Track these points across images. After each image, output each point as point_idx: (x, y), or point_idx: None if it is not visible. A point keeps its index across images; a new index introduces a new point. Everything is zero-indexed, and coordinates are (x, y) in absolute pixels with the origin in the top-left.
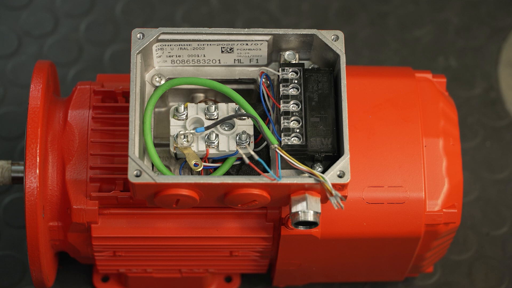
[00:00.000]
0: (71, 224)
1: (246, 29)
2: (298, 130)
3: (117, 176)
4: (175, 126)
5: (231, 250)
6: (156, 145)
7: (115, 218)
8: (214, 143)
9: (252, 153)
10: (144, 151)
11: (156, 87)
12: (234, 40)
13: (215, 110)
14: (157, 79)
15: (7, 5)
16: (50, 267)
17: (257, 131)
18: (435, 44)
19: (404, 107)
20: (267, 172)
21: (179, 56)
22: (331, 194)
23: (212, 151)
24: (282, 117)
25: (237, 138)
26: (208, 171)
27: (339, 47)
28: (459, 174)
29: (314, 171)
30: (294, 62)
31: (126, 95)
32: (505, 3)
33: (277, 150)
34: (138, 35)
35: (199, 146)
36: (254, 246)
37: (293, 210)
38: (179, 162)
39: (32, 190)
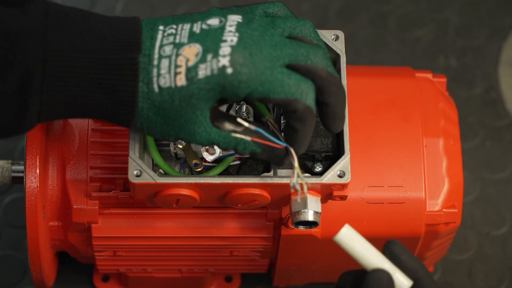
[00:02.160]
0: (71, 224)
1: None
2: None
3: (117, 176)
4: None
5: (231, 250)
6: (156, 145)
7: (115, 218)
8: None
9: (246, 124)
10: (144, 150)
11: None
12: None
13: None
14: None
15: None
16: (50, 267)
17: None
18: (435, 44)
19: (404, 107)
20: (277, 139)
21: None
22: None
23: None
24: (282, 117)
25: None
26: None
27: (339, 46)
28: (459, 174)
29: (292, 150)
30: None
31: None
32: (505, 3)
33: (269, 122)
34: None
35: (199, 146)
36: (254, 246)
37: (293, 210)
38: (179, 162)
39: (32, 190)
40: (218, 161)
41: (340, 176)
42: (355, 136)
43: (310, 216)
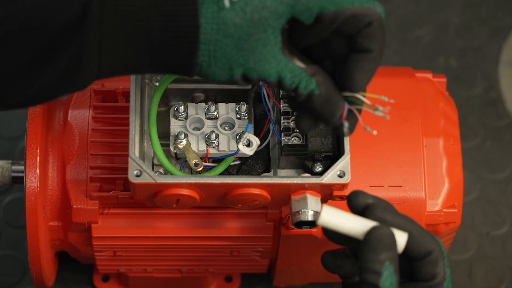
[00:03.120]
0: (72, 224)
1: None
2: (298, 130)
3: (117, 176)
4: (175, 126)
5: (231, 250)
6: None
7: (115, 218)
8: (214, 143)
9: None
10: (144, 150)
11: (158, 83)
12: None
13: (215, 110)
14: (158, 78)
15: None
16: (50, 267)
17: (257, 131)
18: (435, 44)
19: (404, 107)
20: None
21: None
22: (374, 108)
23: (212, 151)
24: (282, 117)
25: (237, 137)
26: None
27: None
28: (459, 174)
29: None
30: None
31: (126, 95)
32: (505, 3)
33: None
34: None
35: (199, 146)
36: (254, 246)
37: (293, 210)
38: (179, 162)
39: (32, 190)
40: (218, 161)
41: (340, 176)
42: (355, 136)
43: (310, 216)
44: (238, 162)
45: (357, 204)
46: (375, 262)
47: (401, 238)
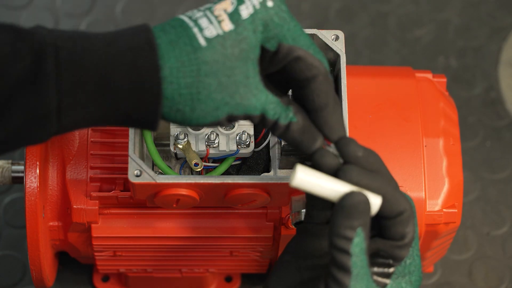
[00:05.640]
0: (72, 224)
1: None
2: None
3: (118, 176)
4: (175, 126)
5: (231, 250)
6: (156, 145)
7: (115, 218)
8: (214, 143)
9: None
10: (144, 151)
11: None
12: None
13: None
14: None
15: (7, 5)
16: (50, 267)
17: (257, 131)
18: (435, 44)
19: (404, 107)
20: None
21: None
22: None
23: (212, 151)
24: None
25: (237, 138)
26: (208, 171)
27: (339, 46)
28: (459, 174)
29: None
30: None
31: None
32: (505, 3)
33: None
34: None
35: (199, 146)
36: (254, 246)
37: (293, 210)
38: (179, 162)
39: (32, 190)
40: (218, 161)
41: None
42: (355, 136)
43: None
44: (238, 162)
45: (329, 164)
46: (347, 228)
47: (375, 201)
